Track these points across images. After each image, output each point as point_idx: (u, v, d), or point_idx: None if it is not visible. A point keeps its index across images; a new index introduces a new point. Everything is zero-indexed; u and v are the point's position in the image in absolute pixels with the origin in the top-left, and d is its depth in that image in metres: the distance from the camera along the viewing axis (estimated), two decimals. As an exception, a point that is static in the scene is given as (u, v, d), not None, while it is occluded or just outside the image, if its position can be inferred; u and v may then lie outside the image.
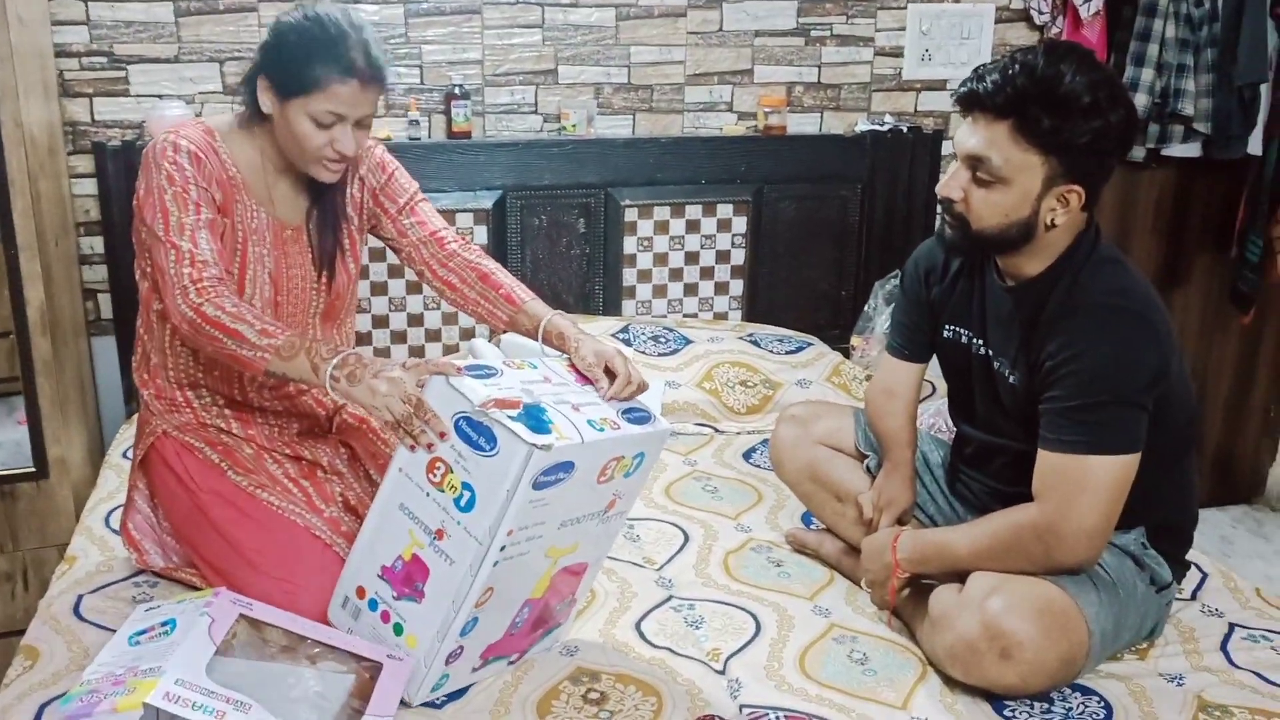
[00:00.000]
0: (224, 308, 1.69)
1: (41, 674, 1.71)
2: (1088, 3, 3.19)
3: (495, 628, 1.65)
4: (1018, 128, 1.64)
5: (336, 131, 1.78)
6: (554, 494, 1.53)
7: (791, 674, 1.76)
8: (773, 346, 3.00)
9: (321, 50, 1.75)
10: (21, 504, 2.35)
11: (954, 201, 1.73)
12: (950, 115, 3.42)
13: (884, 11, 3.29)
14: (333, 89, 1.75)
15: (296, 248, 1.92)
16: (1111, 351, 1.65)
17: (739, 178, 3.17)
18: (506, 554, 1.53)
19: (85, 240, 2.84)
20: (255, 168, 1.87)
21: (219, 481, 1.86)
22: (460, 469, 1.53)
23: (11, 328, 2.40)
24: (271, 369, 1.67)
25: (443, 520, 1.56)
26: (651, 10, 3.11)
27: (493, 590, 1.57)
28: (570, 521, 1.62)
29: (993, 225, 1.71)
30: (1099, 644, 1.68)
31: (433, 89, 3.01)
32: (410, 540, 1.59)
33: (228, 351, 1.69)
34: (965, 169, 1.71)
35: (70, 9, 2.74)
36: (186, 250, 1.72)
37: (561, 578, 1.71)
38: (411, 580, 1.59)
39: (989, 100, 1.65)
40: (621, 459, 1.62)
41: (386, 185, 2.00)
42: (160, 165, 1.77)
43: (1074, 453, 1.66)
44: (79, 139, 2.81)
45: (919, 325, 2.00)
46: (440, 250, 1.99)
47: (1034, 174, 1.66)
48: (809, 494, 2.17)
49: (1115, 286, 1.71)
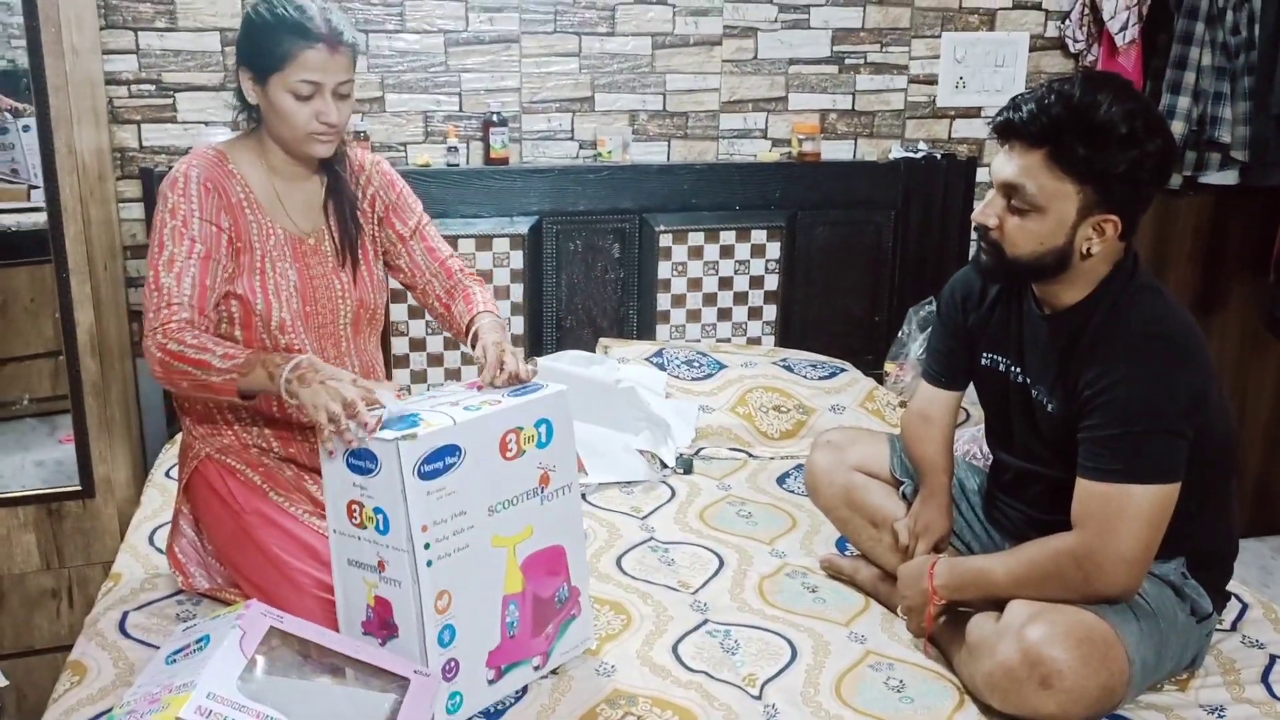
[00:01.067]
0: (185, 341, 1.77)
1: (89, 689, 1.74)
2: (1123, 30, 3.19)
3: (484, 633, 1.67)
4: (1052, 156, 1.65)
5: (318, 103, 1.86)
6: (454, 481, 1.59)
7: (828, 700, 1.76)
8: (806, 372, 3.01)
9: (285, 24, 1.85)
10: (68, 522, 2.39)
11: (989, 228, 1.74)
12: (985, 142, 3.43)
13: (918, 40, 3.31)
14: (302, 57, 1.84)
15: (317, 258, 1.97)
16: (1151, 380, 1.65)
17: (773, 204, 3.19)
18: (437, 552, 1.58)
19: (131, 264, 2.90)
20: (265, 182, 1.95)
21: (261, 502, 1.89)
22: (367, 500, 1.60)
23: (61, 348, 2.46)
24: (240, 387, 1.75)
25: (377, 552, 1.61)
26: (687, 39, 3.15)
27: (449, 594, 1.61)
28: (501, 505, 1.66)
29: (1027, 253, 1.72)
30: (1139, 674, 1.67)
31: (471, 116, 3.06)
32: (366, 587, 1.65)
33: (200, 382, 1.77)
34: (1001, 196, 1.72)
35: (121, 39, 2.81)
36: (166, 289, 1.80)
37: (535, 565, 1.73)
38: (384, 620, 1.64)
39: (1024, 129, 1.66)
40: (520, 430, 1.67)
41: (398, 204, 2.07)
42: (168, 197, 1.86)
43: (1114, 481, 1.65)
44: (127, 165, 2.88)
45: (956, 352, 2.01)
46: (448, 280, 2.08)
47: (1069, 202, 1.67)
48: (844, 520, 2.17)
49: (1154, 315, 1.71)
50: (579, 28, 3.07)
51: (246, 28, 1.90)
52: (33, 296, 2.59)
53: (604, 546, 2.28)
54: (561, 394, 1.76)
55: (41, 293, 2.57)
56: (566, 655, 1.80)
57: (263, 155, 1.95)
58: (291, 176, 1.97)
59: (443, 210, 2.95)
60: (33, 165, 2.55)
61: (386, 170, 2.08)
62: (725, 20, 3.16)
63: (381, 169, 2.07)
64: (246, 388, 1.75)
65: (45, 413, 2.62)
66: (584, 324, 3.16)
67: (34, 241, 2.54)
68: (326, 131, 1.89)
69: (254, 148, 1.95)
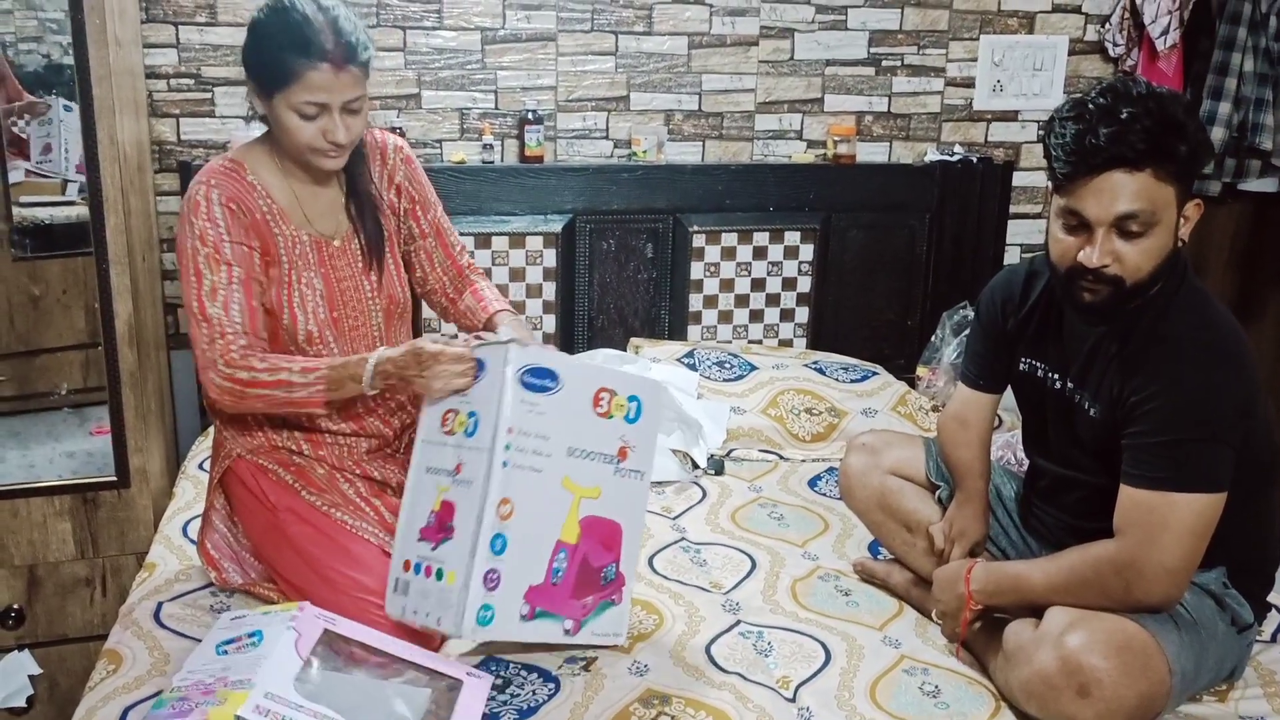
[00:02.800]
0: (255, 367, 1.78)
1: (125, 678, 1.75)
2: (1164, 35, 3.17)
3: (532, 564, 1.70)
4: (1158, 168, 1.59)
5: (324, 121, 1.77)
6: (548, 403, 1.68)
7: (863, 704, 1.75)
8: (838, 375, 3.00)
9: (288, 39, 1.73)
10: (103, 512, 2.41)
11: (1107, 266, 1.65)
12: (1021, 146, 3.41)
13: (956, 42, 3.29)
14: (306, 77, 1.73)
15: (344, 260, 1.94)
16: (1199, 387, 1.63)
17: (807, 205, 3.18)
18: (514, 458, 1.65)
19: (168, 256, 2.92)
20: (285, 188, 1.90)
21: (294, 500, 1.89)
22: (464, 406, 1.71)
23: (93, 340, 2.48)
24: (329, 399, 1.78)
25: (458, 456, 1.70)
26: (724, 39, 3.14)
27: (512, 504, 1.65)
28: (579, 453, 1.74)
29: (1148, 272, 1.65)
30: (1179, 684, 1.64)
31: (506, 114, 3.06)
32: (437, 492, 1.72)
33: (282, 400, 1.79)
34: (1110, 231, 1.63)
35: (161, 32, 2.84)
36: (217, 321, 1.78)
37: (593, 528, 1.76)
38: (444, 524, 1.69)
39: (1129, 152, 1.58)
40: (615, 395, 1.76)
41: (419, 197, 2.03)
42: (194, 223, 1.80)
43: (1158, 489, 1.63)
44: (165, 158, 2.90)
45: (994, 355, 1.99)
46: (458, 277, 2.08)
47: (1172, 206, 1.64)
48: (878, 523, 2.16)
49: (1203, 321, 1.69)
50: (616, 26, 3.07)
51: (250, 37, 1.80)
52: (65, 289, 2.61)
53: (635, 546, 2.27)
54: (660, 386, 1.86)
55: (74, 285, 2.59)
56: (598, 637, 1.80)
57: (278, 161, 1.89)
58: (310, 181, 1.91)
59: (476, 207, 2.96)
60: (65, 158, 2.58)
61: (409, 157, 2.02)
62: (762, 21, 3.15)
63: (404, 156, 2.01)
64: (335, 398, 1.79)
65: (77, 404, 2.64)
66: (615, 323, 3.16)
67: (68, 234, 2.57)
68: (333, 149, 1.81)
69: (269, 152, 1.89)
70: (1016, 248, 3.46)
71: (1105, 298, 1.67)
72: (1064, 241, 1.68)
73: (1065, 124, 1.63)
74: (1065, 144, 1.62)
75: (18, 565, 2.39)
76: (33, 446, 2.59)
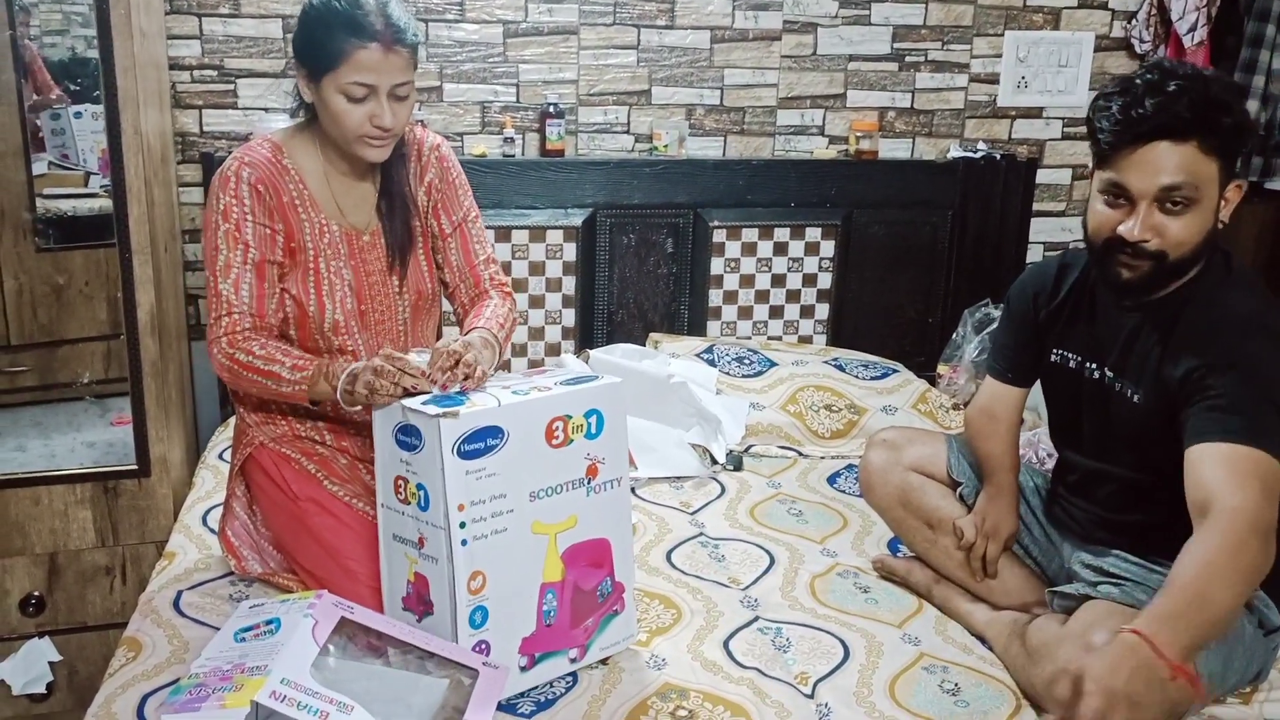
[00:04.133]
0: (253, 352, 1.79)
1: (144, 665, 1.76)
2: (1192, 32, 3.13)
3: (519, 618, 1.67)
4: (1203, 139, 1.59)
5: (371, 105, 1.79)
6: (495, 463, 1.59)
7: (882, 701, 1.74)
8: (858, 372, 2.98)
9: (339, 20, 1.76)
10: (123, 500, 2.42)
11: (1147, 241, 1.64)
12: (1046, 144, 3.38)
13: (980, 38, 3.27)
14: (356, 57, 1.75)
15: (374, 254, 1.94)
16: (1267, 362, 1.60)
17: (829, 201, 3.17)
18: (473, 532, 1.59)
19: (189, 247, 2.93)
20: (320, 177, 1.91)
21: (316, 490, 1.90)
22: (411, 475, 1.62)
23: (114, 331, 2.49)
24: (310, 397, 1.79)
25: (418, 529, 1.63)
26: (746, 34, 3.13)
27: (484, 575, 1.61)
28: (544, 492, 1.65)
29: (1190, 248, 1.64)
30: (1205, 686, 1.62)
31: (528, 107, 3.06)
32: (408, 562, 1.66)
33: (272, 391, 1.81)
34: (1151, 205, 1.62)
35: (185, 24, 2.84)
36: (225, 298, 1.81)
37: (578, 555, 1.72)
38: (422, 597, 1.65)
39: (1175, 122, 1.58)
40: (569, 419, 1.66)
41: (446, 196, 2.02)
42: (219, 197, 1.83)
43: (1240, 442, 1.54)
44: (187, 149, 2.91)
45: (1024, 348, 1.97)
46: (474, 289, 2.04)
47: (1214, 183, 1.63)
48: (899, 520, 2.14)
49: (1266, 304, 1.68)
50: (638, 20, 3.06)
51: (302, 21, 1.82)
52: (88, 280, 2.62)
53: (653, 541, 2.27)
54: (616, 387, 1.74)
55: (96, 277, 2.60)
56: (606, 651, 1.79)
57: (319, 149, 1.91)
58: (347, 172, 1.92)
59: (498, 201, 2.95)
60: (83, 151, 2.59)
61: (445, 156, 2.01)
62: (785, 15, 3.13)
63: (439, 154, 2.01)
64: (314, 398, 1.80)
65: (98, 395, 2.65)
66: (635, 318, 3.15)
67: (90, 226, 2.58)
68: (380, 135, 1.82)
69: (311, 140, 1.91)
70: (1039, 246, 3.43)
71: (1143, 274, 1.65)
72: (1103, 214, 1.67)
73: (1111, 98, 1.63)
74: (1111, 115, 1.62)
75: (39, 553, 2.40)
76: (54, 436, 2.61)
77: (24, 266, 2.59)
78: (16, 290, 2.60)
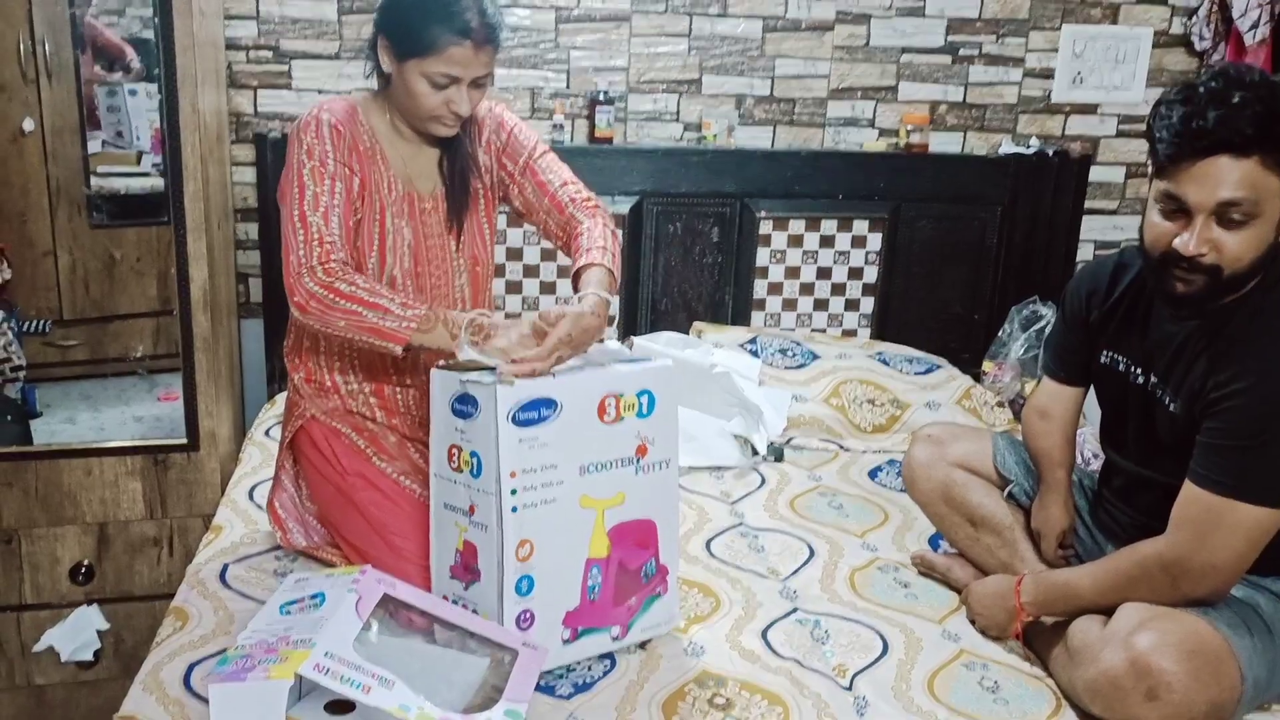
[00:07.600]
0: (356, 282, 1.75)
1: (190, 636, 1.79)
2: (1254, 29, 3.07)
3: (564, 591, 1.68)
4: (1265, 154, 1.54)
5: (452, 92, 1.81)
6: (548, 433, 1.62)
7: (920, 696, 1.73)
8: (902, 366, 2.96)
9: (437, 11, 1.76)
10: (172, 473, 2.46)
11: (1203, 255, 1.60)
12: (1100, 140, 3.33)
13: (1036, 31, 3.23)
14: (448, 51, 1.77)
15: (435, 218, 1.95)
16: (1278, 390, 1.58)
17: (877, 194, 3.14)
18: (523, 500, 1.61)
19: (241, 226, 2.97)
20: (391, 139, 1.92)
21: (365, 466, 1.92)
22: (465, 443, 1.65)
23: (164, 308, 2.53)
24: (414, 341, 1.73)
25: (469, 496, 1.66)
26: (799, 23, 3.11)
27: (532, 544, 1.63)
28: (594, 467, 1.68)
29: (1248, 263, 1.60)
30: (1250, 691, 1.60)
31: (578, 94, 3.06)
32: (457, 531, 1.69)
33: (368, 325, 1.72)
34: (1209, 219, 1.58)
35: (242, 4, 2.87)
36: (316, 228, 1.77)
37: (624, 534, 1.73)
38: (469, 565, 1.68)
39: (1237, 137, 1.53)
40: (621, 397, 1.69)
41: (507, 145, 2.01)
42: (302, 140, 1.83)
43: (1222, 494, 1.60)
44: (241, 129, 2.94)
45: (1077, 348, 1.95)
46: (560, 216, 2.00)
47: (1276, 198, 1.57)
48: (941, 516, 2.13)
49: None
50: (690, 8, 3.05)
51: (396, 1, 1.82)
52: (139, 257, 2.66)
53: (693, 529, 2.27)
54: (668, 369, 1.76)
55: (147, 254, 2.64)
56: (648, 632, 1.80)
57: (386, 110, 1.92)
58: (413, 139, 1.94)
59: (545, 186, 2.96)
60: (137, 129, 2.63)
61: (499, 114, 2.02)
62: (838, 5, 3.11)
63: (495, 114, 2.02)
64: (420, 343, 1.74)
65: (147, 370, 2.70)
66: (679, 307, 3.15)
67: (142, 204, 2.62)
68: (452, 119, 1.85)
69: (382, 107, 1.92)
70: (1090, 244, 3.39)
71: (1199, 288, 1.62)
72: (1160, 226, 1.63)
73: (1173, 106, 1.58)
74: (1171, 125, 1.57)
75: (89, 522, 2.45)
76: (103, 409, 2.66)
77: (78, 242, 2.64)
78: (70, 266, 2.65)
